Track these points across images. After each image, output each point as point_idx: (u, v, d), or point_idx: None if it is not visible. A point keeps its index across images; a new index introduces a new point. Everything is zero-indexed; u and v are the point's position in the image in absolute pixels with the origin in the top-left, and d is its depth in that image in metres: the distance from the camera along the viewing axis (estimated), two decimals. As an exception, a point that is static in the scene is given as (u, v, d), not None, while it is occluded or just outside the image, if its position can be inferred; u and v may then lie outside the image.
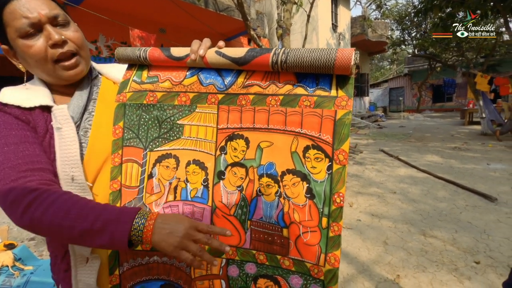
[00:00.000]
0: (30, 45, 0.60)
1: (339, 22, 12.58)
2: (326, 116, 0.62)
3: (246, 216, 0.68)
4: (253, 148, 0.67)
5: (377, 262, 2.25)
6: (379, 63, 36.87)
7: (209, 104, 0.70)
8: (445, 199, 3.55)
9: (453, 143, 7.47)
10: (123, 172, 0.70)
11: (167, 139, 0.71)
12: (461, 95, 14.89)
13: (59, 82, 0.68)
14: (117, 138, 0.71)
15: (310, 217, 0.64)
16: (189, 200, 0.70)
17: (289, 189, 0.65)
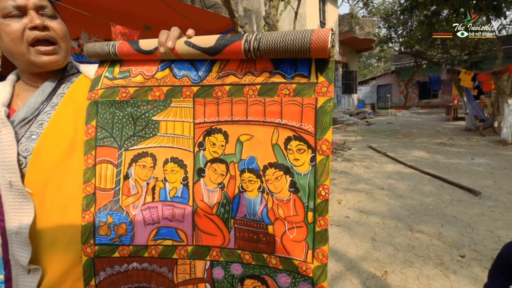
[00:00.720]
0: (10, 23, 0.61)
1: (327, 19, 12.64)
2: (306, 104, 0.58)
3: (229, 215, 0.65)
4: (232, 142, 0.64)
5: (365, 259, 2.26)
6: (367, 60, 37.35)
7: (184, 97, 0.66)
8: (431, 194, 3.60)
9: (439, 139, 7.63)
10: (97, 174, 0.66)
11: (142, 137, 0.67)
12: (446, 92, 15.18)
13: (31, 68, 0.66)
14: (90, 138, 0.66)
15: (295, 212, 0.61)
16: (169, 200, 0.66)
17: (272, 183, 0.62)
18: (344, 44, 15.15)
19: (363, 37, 14.66)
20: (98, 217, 0.65)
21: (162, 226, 0.66)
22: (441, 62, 12.35)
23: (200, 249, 0.66)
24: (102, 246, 0.65)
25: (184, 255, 0.66)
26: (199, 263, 0.66)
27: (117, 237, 0.66)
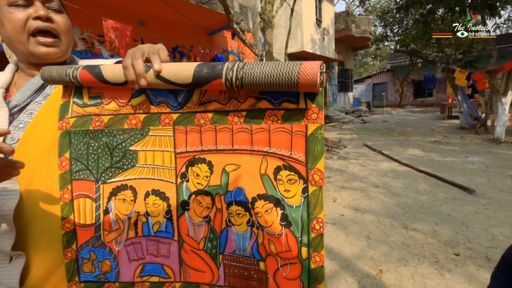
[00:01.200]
0: (15, 12, 0.61)
1: (323, 17, 12.60)
2: (296, 131, 0.54)
3: (217, 250, 0.62)
4: (217, 173, 0.59)
5: (360, 257, 2.24)
6: (362, 59, 37.46)
7: (163, 125, 0.61)
8: (426, 192, 3.60)
9: (434, 137, 7.67)
10: (76, 209, 0.62)
11: (120, 168, 0.62)
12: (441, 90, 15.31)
13: (29, 58, 0.66)
14: (64, 172, 0.62)
15: (288, 247, 0.57)
16: (153, 235, 0.63)
17: (261, 217, 0.58)
18: (340, 42, 15.14)
19: (359, 35, 14.67)
20: (81, 254, 0.62)
21: (148, 262, 0.64)
22: (436, 60, 12.40)
23: (189, 286, 0.64)
24: (87, 283, 0.63)
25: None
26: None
27: (102, 274, 0.63)
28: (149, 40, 6.64)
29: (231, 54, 9.10)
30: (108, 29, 3.71)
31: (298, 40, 11.05)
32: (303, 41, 11.02)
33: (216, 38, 8.54)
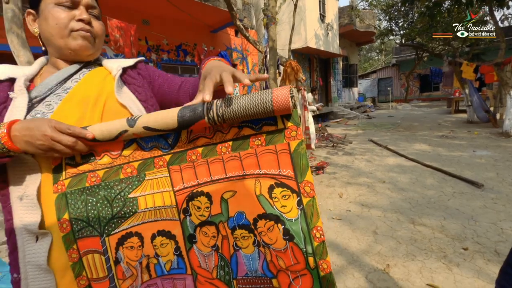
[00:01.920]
0: (60, 11, 0.67)
1: (327, 12, 12.48)
2: (280, 150, 0.58)
3: (230, 276, 0.63)
4: (217, 202, 0.61)
5: (367, 252, 2.24)
6: (367, 54, 37.06)
7: (157, 168, 0.63)
8: (433, 187, 3.57)
9: (440, 132, 7.57)
10: (86, 266, 0.63)
11: (122, 217, 0.63)
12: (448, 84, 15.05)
13: (63, 52, 0.71)
14: (67, 233, 0.62)
15: (296, 260, 0.59)
16: (166, 274, 0.64)
17: (265, 235, 0.60)
18: (344, 37, 15.00)
19: (364, 30, 14.51)
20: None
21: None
22: (443, 54, 12.22)
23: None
24: None
25: None
26: None
27: None
28: (153, 39, 6.67)
29: (234, 51, 9.09)
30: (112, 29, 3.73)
31: (302, 36, 10.97)
32: (307, 37, 10.94)
33: (220, 36, 8.54)
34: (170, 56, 7.22)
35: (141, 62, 0.82)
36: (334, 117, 12.83)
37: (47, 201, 0.62)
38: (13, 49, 2.43)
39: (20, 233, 0.60)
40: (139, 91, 0.76)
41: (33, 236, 0.60)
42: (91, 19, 0.71)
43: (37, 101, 0.67)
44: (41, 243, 0.60)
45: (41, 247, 0.60)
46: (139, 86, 0.77)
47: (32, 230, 0.59)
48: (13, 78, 0.67)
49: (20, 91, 0.65)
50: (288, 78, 5.74)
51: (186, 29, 7.45)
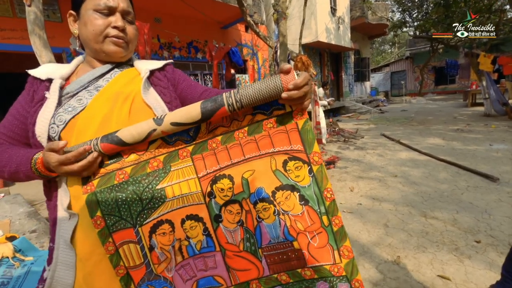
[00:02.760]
0: (98, 18, 0.73)
1: (338, 5, 12.28)
2: (290, 129, 0.66)
3: (255, 246, 0.70)
4: (238, 182, 0.68)
5: (377, 244, 2.27)
6: (380, 47, 36.27)
7: (182, 159, 0.69)
8: (447, 181, 3.53)
9: (456, 125, 7.40)
10: (123, 256, 0.67)
11: (152, 208, 0.68)
12: (464, 77, 14.60)
13: (98, 54, 0.77)
14: (101, 229, 0.67)
15: (312, 221, 0.67)
16: (197, 253, 0.70)
17: (284, 204, 0.68)
18: (356, 30, 14.74)
19: (376, 22, 14.21)
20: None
21: (200, 278, 0.71)
22: (459, 45, 11.84)
23: (240, 286, 0.71)
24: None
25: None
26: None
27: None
28: (165, 37, 6.78)
29: (245, 47, 9.12)
30: (127, 28, 3.83)
31: (313, 30, 10.86)
32: (318, 31, 10.83)
33: (230, 32, 8.58)
34: (181, 53, 7.32)
35: (170, 65, 0.88)
36: (345, 112, 12.70)
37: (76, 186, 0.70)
38: (36, 50, 2.56)
39: (59, 209, 0.69)
40: (164, 92, 0.80)
41: (67, 215, 0.68)
42: (125, 25, 0.76)
43: (69, 96, 0.73)
44: (71, 222, 0.68)
45: (69, 225, 0.68)
46: (164, 87, 0.82)
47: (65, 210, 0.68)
48: (51, 79, 0.74)
49: (53, 92, 0.72)
50: (298, 73, 5.73)
51: (197, 26, 7.53)
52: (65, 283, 0.68)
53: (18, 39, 4.76)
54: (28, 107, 0.74)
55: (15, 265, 1.29)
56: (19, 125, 0.74)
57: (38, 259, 1.39)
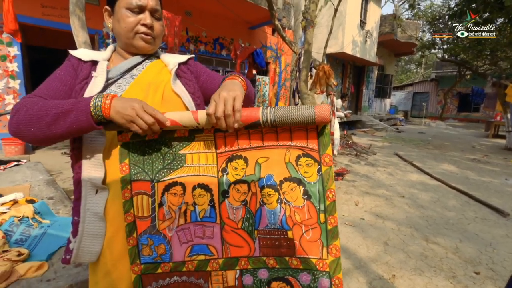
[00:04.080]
0: (129, 16, 0.80)
1: (368, 19, 12.20)
2: (310, 128, 0.72)
3: (252, 227, 0.75)
4: (252, 165, 0.74)
5: (374, 261, 2.28)
6: (405, 65, 35.60)
7: (206, 133, 0.75)
8: (455, 209, 3.48)
9: (473, 155, 7.22)
10: (135, 204, 0.74)
11: (171, 169, 0.75)
12: (490, 106, 14.19)
13: (129, 47, 0.85)
14: (125, 175, 0.74)
15: (310, 215, 0.72)
16: (199, 221, 0.76)
17: (288, 194, 0.73)
18: (383, 46, 14.57)
19: (404, 40, 14.00)
20: (140, 240, 0.75)
21: (195, 244, 0.76)
22: (487, 74, 11.52)
23: (230, 260, 0.76)
24: (146, 264, 0.76)
25: (216, 267, 0.76)
26: (230, 273, 0.76)
27: (158, 256, 0.76)
28: (193, 30, 6.94)
29: (269, 49, 9.19)
30: (159, 18, 3.98)
31: (339, 40, 10.84)
32: (344, 42, 10.80)
33: (257, 33, 8.67)
34: (207, 48, 7.47)
35: (192, 59, 0.97)
36: (361, 126, 12.58)
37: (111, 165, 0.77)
38: (74, 30, 2.71)
39: (85, 185, 0.75)
40: (188, 84, 0.89)
41: (94, 189, 0.75)
42: (153, 22, 0.83)
43: (111, 82, 0.82)
44: (100, 196, 0.75)
45: (100, 199, 0.75)
46: (189, 80, 0.90)
47: (95, 184, 0.74)
48: (95, 61, 0.83)
49: (101, 72, 0.79)
50: (319, 81, 5.76)
51: (225, 24, 7.66)
52: (92, 251, 0.75)
53: (57, 16, 5.00)
54: (72, 79, 0.80)
55: (33, 225, 1.40)
56: (65, 90, 0.78)
57: (53, 223, 1.49)
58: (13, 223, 1.36)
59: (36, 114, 0.66)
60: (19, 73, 4.85)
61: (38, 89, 0.75)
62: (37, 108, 0.67)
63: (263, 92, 8.25)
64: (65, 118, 0.65)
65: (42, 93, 0.74)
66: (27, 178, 2.38)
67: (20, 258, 1.18)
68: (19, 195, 1.80)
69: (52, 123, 0.66)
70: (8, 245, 1.27)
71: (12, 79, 4.81)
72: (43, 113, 0.66)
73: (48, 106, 0.67)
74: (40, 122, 0.66)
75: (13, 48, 4.74)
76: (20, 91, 4.90)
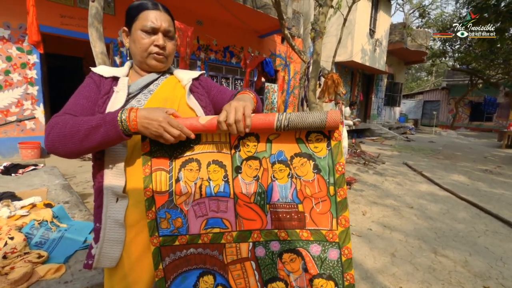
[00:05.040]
0: (144, 37, 0.86)
1: (377, 27, 12.21)
2: None
3: (264, 201, 0.78)
4: (263, 142, 0.78)
5: (381, 272, 2.27)
6: (416, 73, 35.28)
7: None
8: (465, 221, 3.43)
9: (485, 166, 7.09)
10: (153, 180, 0.78)
11: (187, 147, 0.80)
12: (503, 116, 13.88)
13: (143, 65, 0.92)
14: (146, 152, 0.79)
15: (320, 188, 0.75)
16: (214, 195, 0.79)
17: (298, 169, 0.76)
18: (392, 54, 14.53)
19: (414, 49, 13.93)
20: (159, 214, 0.79)
21: (210, 217, 0.80)
22: (500, 83, 11.34)
23: (243, 233, 0.79)
24: (165, 237, 0.80)
25: (230, 240, 0.80)
26: (243, 245, 0.80)
27: (175, 229, 0.79)
28: (204, 39, 7.10)
29: (278, 57, 9.30)
30: (172, 29, 4.11)
31: (348, 49, 10.88)
32: (353, 51, 10.83)
33: (266, 41, 8.80)
34: (217, 56, 7.62)
35: (203, 75, 1.04)
36: (370, 135, 12.49)
37: (131, 174, 0.82)
38: (92, 41, 2.84)
39: (106, 193, 0.80)
40: (201, 98, 0.96)
41: (115, 197, 0.80)
42: (166, 42, 0.89)
43: (131, 97, 0.88)
44: (121, 204, 0.80)
45: (121, 207, 0.80)
46: (201, 94, 0.97)
47: (116, 192, 0.79)
48: (116, 77, 0.89)
49: (123, 87, 0.86)
50: (328, 90, 5.80)
51: (235, 32, 7.81)
52: (112, 257, 0.81)
53: (75, 26, 5.22)
54: (95, 95, 0.85)
55: (52, 229, 1.47)
56: (90, 106, 0.83)
57: (70, 227, 1.56)
58: (33, 226, 1.44)
59: (69, 131, 0.71)
60: (38, 79, 5.06)
61: (67, 107, 0.80)
62: (69, 126, 0.72)
63: (271, 99, 8.32)
64: (95, 132, 0.70)
65: (71, 110, 0.79)
66: (44, 182, 2.48)
67: (40, 260, 1.25)
68: (38, 199, 1.88)
69: (84, 138, 0.71)
70: (29, 247, 1.34)
71: (31, 85, 5.02)
72: (76, 130, 0.71)
73: (79, 122, 0.72)
74: (73, 138, 0.71)
75: (32, 56, 4.96)
76: (38, 97, 5.10)
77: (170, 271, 0.81)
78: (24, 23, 4.73)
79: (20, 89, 4.92)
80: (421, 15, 11.83)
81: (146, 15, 0.86)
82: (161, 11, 0.88)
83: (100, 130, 0.70)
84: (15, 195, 1.98)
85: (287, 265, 0.78)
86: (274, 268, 0.79)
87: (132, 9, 0.89)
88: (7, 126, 4.83)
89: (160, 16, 0.87)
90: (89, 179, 4.11)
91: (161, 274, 0.81)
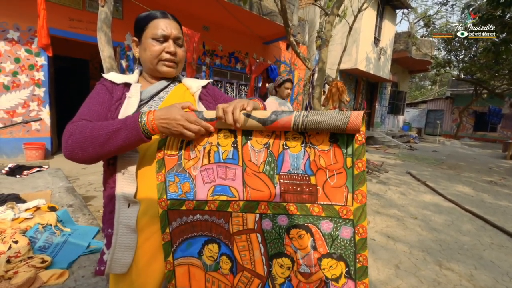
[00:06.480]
0: (155, 45, 0.88)
1: (382, 36, 12.26)
2: None
3: (274, 171, 0.72)
4: None
5: (385, 284, 2.24)
6: (420, 82, 35.26)
7: None
8: (470, 233, 3.38)
9: (490, 177, 7.02)
10: (166, 143, 0.79)
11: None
12: (507, 127, 13.81)
13: (154, 72, 0.93)
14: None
15: (335, 160, 0.67)
16: (222, 162, 0.76)
17: (313, 138, 0.69)
18: (397, 63, 14.55)
19: (419, 58, 13.95)
20: (168, 177, 0.78)
21: (218, 184, 0.77)
22: (505, 94, 11.29)
23: (250, 203, 0.75)
24: (172, 201, 0.79)
25: (237, 209, 0.76)
26: (250, 216, 0.76)
27: (183, 193, 0.78)
28: (210, 44, 7.16)
29: (283, 64, 9.34)
30: (179, 34, 4.15)
31: (353, 57, 10.91)
32: (358, 59, 10.86)
33: (271, 48, 8.85)
34: (222, 62, 7.67)
35: (210, 83, 1.05)
36: (373, 143, 12.44)
37: (142, 179, 0.82)
38: (100, 45, 2.87)
39: (118, 199, 0.80)
40: (209, 106, 0.97)
41: (126, 203, 0.80)
42: (176, 49, 0.90)
43: (143, 103, 0.89)
44: (132, 209, 0.80)
45: (132, 212, 0.80)
46: (209, 102, 0.98)
47: (128, 198, 0.79)
48: (127, 83, 0.90)
49: (135, 93, 0.87)
50: (332, 98, 5.80)
51: (240, 39, 7.87)
52: (124, 262, 0.80)
53: (83, 29, 5.28)
54: (108, 101, 0.86)
55: (56, 233, 1.47)
56: (104, 111, 0.84)
57: (74, 231, 1.56)
58: (37, 230, 1.44)
59: (89, 136, 0.71)
60: (45, 81, 5.11)
61: (81, 113, 0.80)
62: (89, 131, 0.72)
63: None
64: (116, 136, 0.71)
65: (87, 116, 0.79)
66: (48, 184, 2.48)
67: (43, 265, 1.24)
68: (42, 201, 1.88)
69: (105, 143, 0.72)
70: (33, 251, 1.33)
71: (38, 87, 5.07)
72: (96, 134, 0.71)
73: (98, 127, 0.72)
74: (94, 143, 0.71)
75: (40, 58, 5.01)
76: (44, 99, 5.15)
77: (176, 236, 0.80)
78: (33, 26, 4.79)
79: (27, 90, 4.97)
80: (426, 24, 11.85)
81: (156, 23, 0.87)
82: (170, 19, 0.90)
83: (121, 133, 0.72)
84: (19, 197, 1.98)
85: (295, 241, 0.72)
86: (281, 244, 0.74)
87: (141, 19, 0.90)
88: (12, 127, 4.87)
89: (170, 24, 0.89)
90: (92, 181, 4.12)
91: (167, 238, 0.80)
